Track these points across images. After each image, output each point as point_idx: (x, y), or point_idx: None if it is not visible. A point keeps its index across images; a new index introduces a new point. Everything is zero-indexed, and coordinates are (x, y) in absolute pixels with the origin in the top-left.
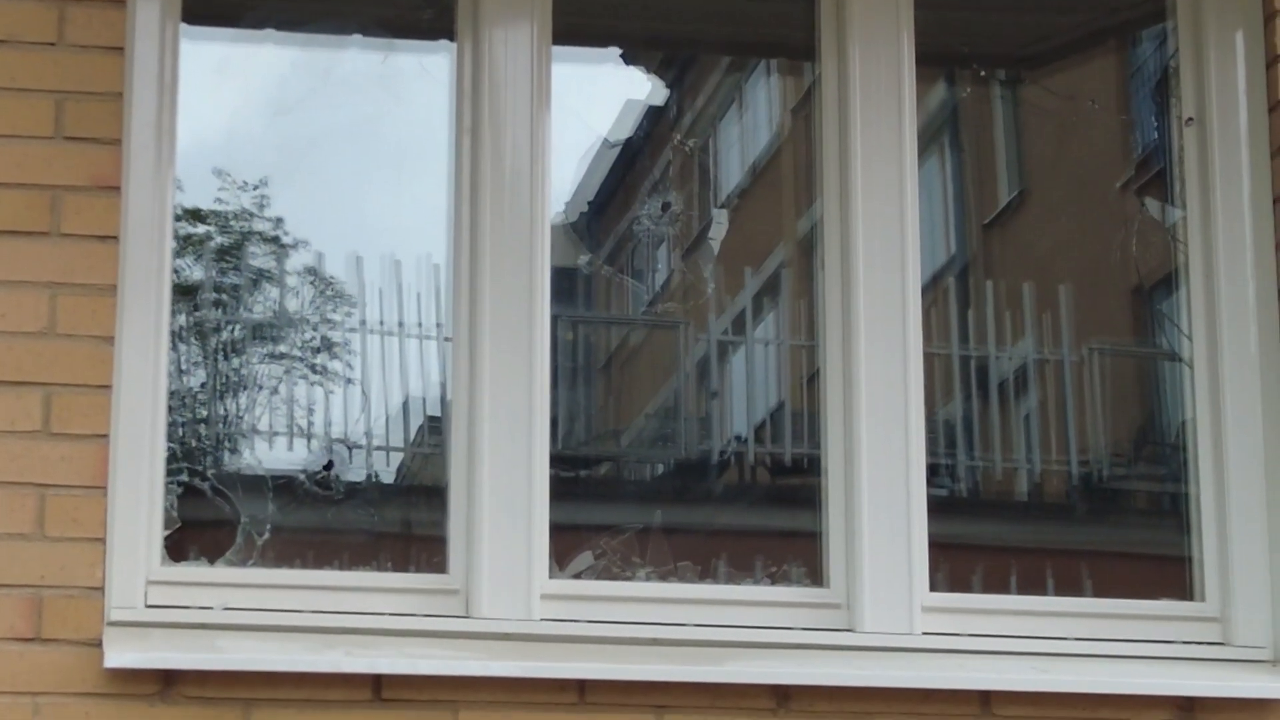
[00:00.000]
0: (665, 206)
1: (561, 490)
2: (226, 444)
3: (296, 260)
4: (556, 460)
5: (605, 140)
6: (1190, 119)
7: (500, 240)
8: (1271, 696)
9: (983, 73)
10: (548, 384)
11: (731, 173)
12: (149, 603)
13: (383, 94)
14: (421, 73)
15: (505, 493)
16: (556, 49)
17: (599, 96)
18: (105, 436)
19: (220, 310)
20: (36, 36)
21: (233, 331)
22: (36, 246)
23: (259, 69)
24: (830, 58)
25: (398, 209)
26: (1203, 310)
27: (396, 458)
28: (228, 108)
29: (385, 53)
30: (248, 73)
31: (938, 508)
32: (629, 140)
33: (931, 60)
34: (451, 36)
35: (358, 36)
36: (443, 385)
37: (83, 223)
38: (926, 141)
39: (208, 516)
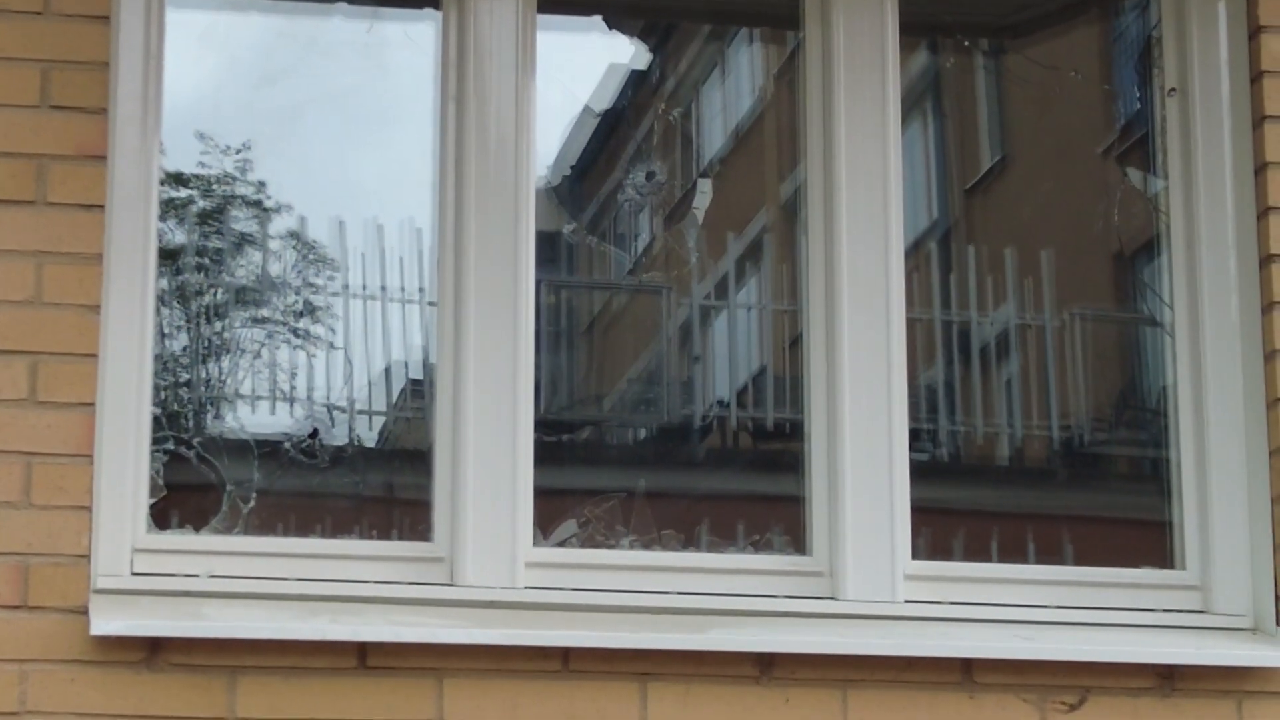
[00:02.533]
0: (650, 175)
1: (544, 455)
2: (210, 409)
3: (279, 224)
4: (539, 425)
5: (588, 106)
6: (1173, 89)
7: (485, 207)
8: (1251, 664)
9: (965, 42)
10: (532, 350)
11: (714, 138)
12: (135, 570)
13: (367, 63)
14: (406, 41)
15: (490, 461)
16: (541, 17)
17: (582, 63)
18: (91, 405)
19: (203, 274)
20: (23, 6)
21: (215, 295)
22: (22, 215)
23: (244, 38)
24: (814, 26)
25: (380, 174)
26: (1184, 279)
27: (379, 421)
28: (212, 77)
29: (370, 21)
30: (232, 42)
31: (918, 473)
32: (612, 105)
33: (914, 29)
34: (437, 5)
35: (343, 5)
36: (425, 349)
37: (68, 192)
38: (909, 106)
39: (193, 483)
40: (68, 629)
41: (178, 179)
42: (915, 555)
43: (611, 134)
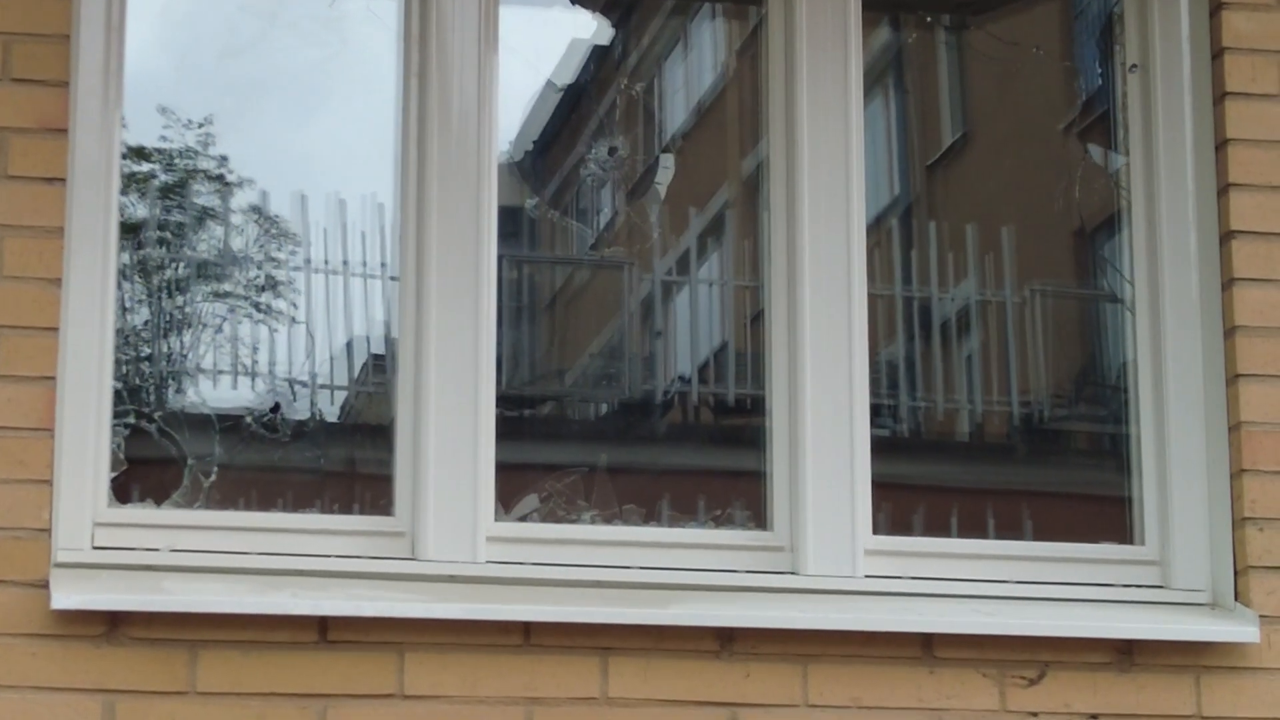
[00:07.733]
0: (612, 151)
1: (506, 430)
2: (171, 383)
3: (241, 198)
4: (500, 400)
5: (550, 81)
6: (1134, 66)
7: (447, 182)
8: (1209, 639)
9: (928, 18)
10: (494, 325)
11: (676, 113)
12: (96, 544)
13: (330, 37)
14: (369, 16)
15: (451, 435)
16: None
17: (545, 38)
18: (52, 379)
19: (164, 248)
20: None
21: (177, 269)
22: None
23: (206, 12)
24: (777, 1)
25: (342, 149)
26: (1144, 255)
27: (341, 396)
28: (174, 50)
29: None
30: (194, 15)
31: (879, 448)
32: (574, 80)
33: (877, 4)
34: None
35: None
36: (386, 324)
37: (29, 165)
38: (871, 82)
39: (154, 457)
40: (28, 603)
41: (139, 153)
42: (876, 530)
43: (574, 109)
